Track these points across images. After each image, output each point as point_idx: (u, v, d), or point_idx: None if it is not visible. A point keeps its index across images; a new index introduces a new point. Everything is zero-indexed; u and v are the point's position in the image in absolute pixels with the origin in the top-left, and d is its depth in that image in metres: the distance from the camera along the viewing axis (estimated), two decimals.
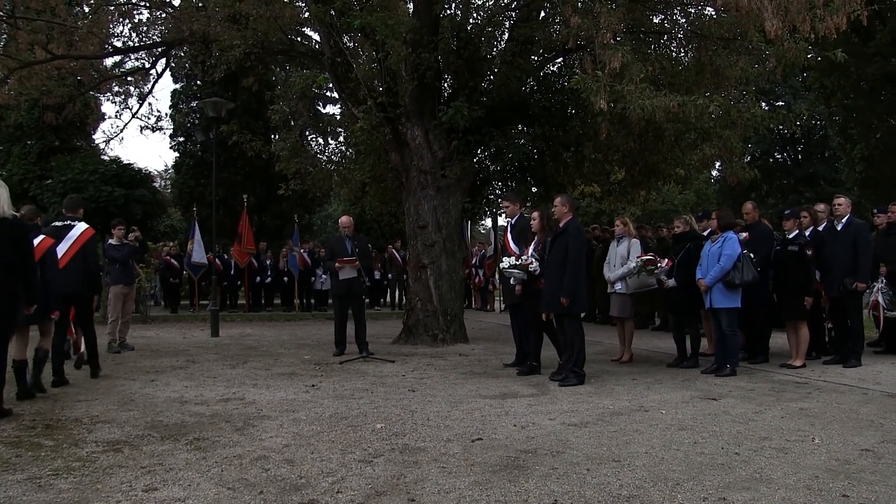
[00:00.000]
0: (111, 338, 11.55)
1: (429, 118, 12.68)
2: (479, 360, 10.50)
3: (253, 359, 10.55)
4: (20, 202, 20.65)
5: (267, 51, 15.71)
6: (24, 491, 4.42)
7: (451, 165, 12.58)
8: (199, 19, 14.70)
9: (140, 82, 20.39)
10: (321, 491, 4.38)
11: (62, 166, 21.43)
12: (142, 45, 17.84)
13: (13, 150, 24.09)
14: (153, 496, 4.31)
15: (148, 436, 5.74)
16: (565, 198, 8.85)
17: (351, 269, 10.56)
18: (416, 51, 12.07)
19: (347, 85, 13.36)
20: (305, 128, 18.55)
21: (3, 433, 5.91)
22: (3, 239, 6.40)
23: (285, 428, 5.99)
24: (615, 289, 10.20)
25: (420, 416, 6.43)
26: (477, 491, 4.36)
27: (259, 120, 22.78)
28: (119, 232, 11.81)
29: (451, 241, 12.81)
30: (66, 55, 16.27)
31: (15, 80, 16.09)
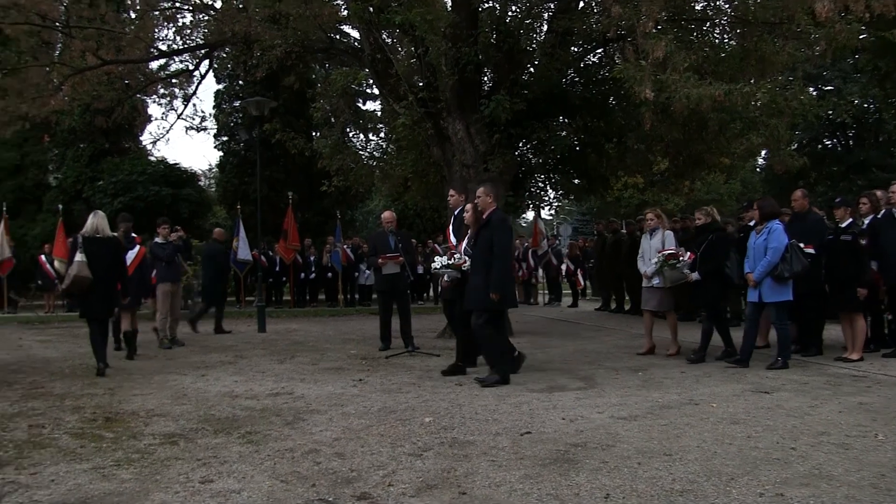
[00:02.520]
0: (162, 334, 11.76)
1: (470, 112, 12.66)
2: (526, 353, 10.44)
3: (300, 354, 10.66)
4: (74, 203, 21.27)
5: (307, 49, 15.81)
6: (90, 480, 4.57)
7: (493, 159, 12.55)
8: (241, 20, 14.85)
9: (184, 84, 20.68)
10: (373, 484, 4.40)
11: (112, 168, 21.87)
12: (185, 48, 18.11)
13: (67, 154, 24.60)
14: (209, 488, 4.38)
15: (202, 429, 5.85)
16: (489, 187, 8.43)
17: (394, 264, 10.60)
18: (456, 45, 12.06)
19: (388, 81, 13.39)
20: (346, 124, 18.63)
21: (67, 424, 6.11)
22: (108, 252, 9.36)
23: (335, 422, 6.05)
24: (653, 283, 9.99)
25: (468, 410, 6.44)
26: (528, 484, 4.35)
27: (300, 118, 22.95)
28: (164, 231, 12.01)
29: None
30: (114, 60, 16.56)
31: (69, 86, 16.44)
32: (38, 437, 5.71)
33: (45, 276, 19.96)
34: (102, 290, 9.19)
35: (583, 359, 9.79)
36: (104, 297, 9.27)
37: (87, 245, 9.17)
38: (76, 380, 8.55)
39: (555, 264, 21.71)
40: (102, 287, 9.15)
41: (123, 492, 4.32)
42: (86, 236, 9.27)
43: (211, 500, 4.16)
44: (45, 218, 23.48)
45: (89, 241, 9.25)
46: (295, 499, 4.16)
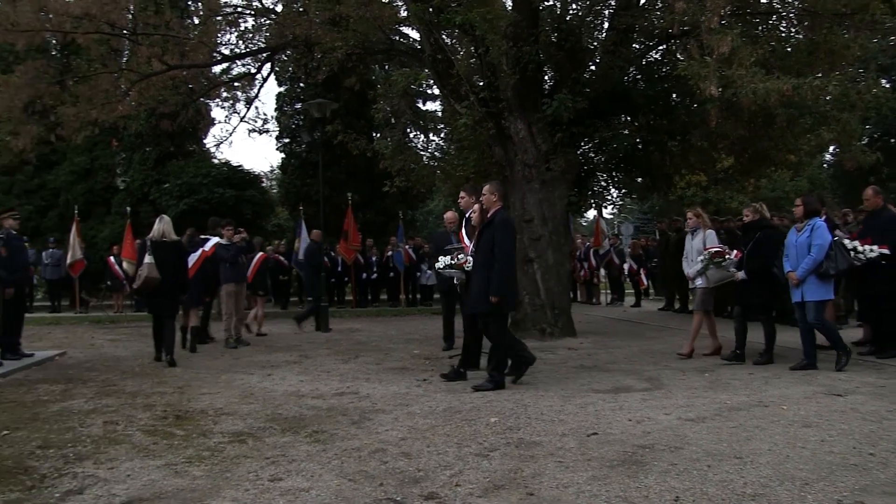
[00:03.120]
0: (227, 334, 11.98)
1: (531, 111, 12.62)
2: (589, 353, 10.40)
3: (364, 354, 10.75)
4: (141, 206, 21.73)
5: (368, 51, 15.95)
6: (164, 476, 4.69)
7: (556, 158, 12.49)
8: (301, 24, 15.05)
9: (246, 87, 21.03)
10: (440, 484, 4.42)
11: (177, 171, 22.33)
12: (247, 52, 18.42)
13: (134, 158, 25.18)
14: (278, 486, 4.44)
15: (269, 428, 5.93)
16: (494, 185, 8.07)
17: None
18: (517, 44, 12.04)
19: (449, 81, 13.41)
20: (407, 125, 18.74)
21: (140, 422, 6.28)
22: (173, 254, 10.31)
23: (400, 421, 6.08)
24: (696, 284, 9.78)
25: (533, 411, 6.42)
26: (596, 486, 4.32)
27: (361, 119, 23.11)
28: (228, 232, 12.20)
29: (557, 234, 12.72)
30: (179, 65, 16.95)
31: (135, 91, 16.88)
32: (112, 433, 5.87)
33: (113, 277, 20.48)
34: (168, 290, 10.16)
35: (647, 359, 9.67)
36: (170, 296, 10.27)
37: (154, 248, 10.06)
38: (146, 378, 8.76)
39: (617, 264, 21.51)
40: (168, 287, 10.12)
41: (196, 488, 4.42)
42: (153, 240, 10.13)
43: (280, 497, 4.22)
44: (113, 220, 24.06)
45: (156, 245, 10.13)
46: (363, 498, 4.20)
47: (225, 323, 12.09)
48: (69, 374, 9.26)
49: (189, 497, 4.25)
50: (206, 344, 12.32)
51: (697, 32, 9.87)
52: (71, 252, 19.98)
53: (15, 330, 10.52)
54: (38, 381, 8.64)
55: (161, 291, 10.14)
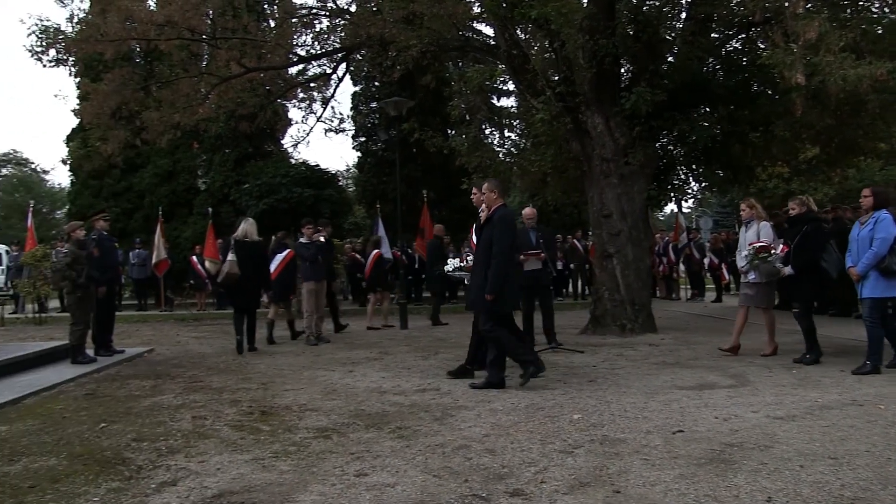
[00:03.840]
0: (308, 331, 12.15)
1: (609, 105, 12.47)
2: (671, 350, 10.23)
3: (443, 350, 10.78)
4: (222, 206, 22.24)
5: (442, 48, 15.98)
6: (252, 470, 4.79)
7: (634, 152, 12.32)
8: (376, 23, 15.18)
9: (322, 87, 21.36)
10: (525, 481, 4.40)
11: (256, 171, 22.78)
12: (323, 53, 18.67)
13: (214, 159, 25.79)
14: (364, 481, 4.48)
15: (353, 424, 6.00)
16: (493, 182, 7.92)
17: (536, 260, 10.54)
18: (593, 37, 11.90)
19: (525, 77, 13.35)
20: (482, 122, 18.72)
21: (227, 417, 6.43)
22: (256, 254, 11.36)
23: (483, 418, 6.08)
24: (748, 278, 9.38)
25: (616, 407, 6.34)
26: (684, 484, 4.24)
27: (436, 116, 23.21)
28: (308, 231, 12.38)
29: (636, 229, 12.54)
30: (256, 67, 17.29)
31: (215, 94, 17.30)
32: (201, 427, 6.02)
33: (196, 276, 21.03)
34: (249, 286, 11.25)
35: (731, 355, 9.43)
36: (251, 291, 11.42)
37: (237, 247, 11.06)
38: (231, 374, 8.96)
39: (697, 258, 21.13)
40: (249, 283, 11.20)
41: (283, 482, 4.49)
42: (237, 240, 11.02)
43: (366, 493, 4.26)
44: (195, 221, 24.69)
45: (239, 244, 11.13)
46: (448, 494, 4.20)
47: (306, 321, 12.28)
48: (158, 370, 9.54)
49: (277, 491, 4.32)
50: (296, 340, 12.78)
51: (781, 19, 9.61)
52: (156, 252, 20.59)
53: (107, 327, 10.91)
54: (130, 377, 8.94)
55: (243, 287, 11.14)
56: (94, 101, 16.98)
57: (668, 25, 13.21)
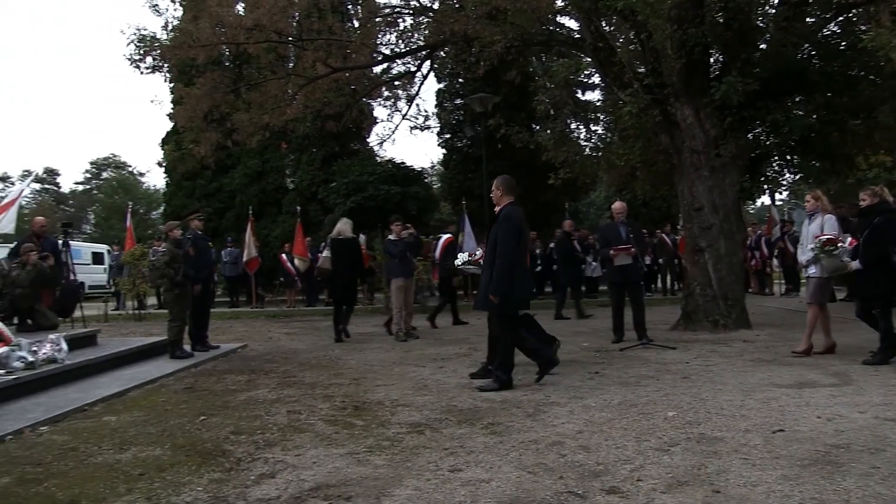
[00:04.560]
0: (397, 328, 12.27)
1: (699, 96, 12.20)
2: (766, 346, 9.95)
3: None
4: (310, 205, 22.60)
5: (526, 43, 15.89)
6: (348, 464, 4.86)
7: (725, 143, 12.02)
8: (459, 20, 15.18)
9: (407, 85, 21.50)
10: (621, 478, 4.34)
11: (343, 170, 23.05)
12: (407, 51, 18.80)
13: (302, 159, 26.28)
14: (458, 476, 4.50)
15: (445, 419, 6.03)
16: (500, 180, 7.68)
17: (626, 255, 10.40)
18: (681, 27, 11.63)
19: (611, 69, 13.16)
20: (568, 116, 18.54)
21: (321, 412, 6.55)
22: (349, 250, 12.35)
23: (576, 414, 6.03)
24: (809, 273, 8.96)
25: (712, 405, 6.20)
26: (787, 486, 4.11)
27: (521, 112, 23.07)
28: (397, 228, 12.49)
29: (728, 222, 12.24)
30: (342, 67, 17.54)
31: (302, 95, 17.62)
32: (296, 422, 6.14)
33: (286, 274, 21.47)
34: (344, 280, 12.49)
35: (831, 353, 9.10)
36: (347, 285, 12.65)
37: (332, 244, 11.98)
38: (322, 370, 9.11)
39: (792, 252, 20.46)
40: (344, 277, 12.43)
41: (378, 477, 4.54)
42: (333, 238, 11.98)
43: (461, 488, 4.27)
44: (284, 219, 25.20)
45: (335, 242, 12.16)
46: (543, 490, 4.18)
47: (395, 317, 12.39)
48: (252, 365, 9.78)
49: (373, 485, 4.37)
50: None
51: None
52: (247, 250, 21.10)
53: (202, 324, 11.23)
54: (225, 372, 9.19)
55: (339, 281, 12.50)
56: (187, 105, 17.50)
57: (760, 11, 12.79)
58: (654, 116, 12.50)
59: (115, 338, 12.06)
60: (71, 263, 13.33)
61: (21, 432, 5.98)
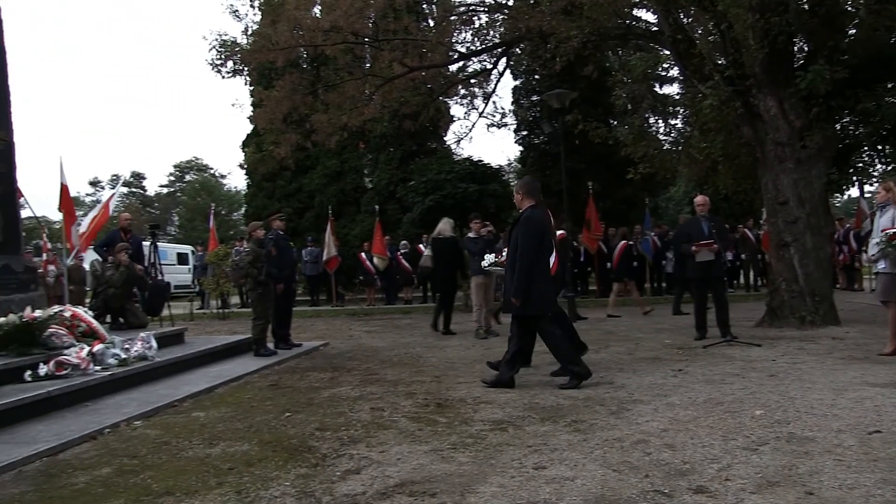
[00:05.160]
0: (477, 325, 12.29)
1: (783, 86, 11.88)
2: (857, 343, 9.63)
3: (614, 343, 10.64)
4: (388, 203, 22.84)
5: (603, 37, 15.74)
6: (431, 461, 4.89)
7: (811, 134, 11.67)
8: (534, 16, 15.12)
9: (483, 83, 21.52)
10: (708, 477, 4.26)
11: (421, 168, 23.25)
12: (483, 48, 18.81)
13: (379, 158, 26.58)
14: (543, 474, 4.47)
15: (528, 417, 6.01)
16: (521, 183, 7.82)
17: (708, 251, 10.18)
18: (764, 16, 11.32)
19: (691, 62, 12.93)
20: (647, 111, 18.28)
21: (403, 409, 6.60)
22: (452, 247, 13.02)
23: (660, 412, 5.94)
24: (878, 268, 8.51)
25: (801, 404, 6.02)
26: (888, 490, 3.93)
27: (599, 107, 22.86)
28: (476, 225, 12.49)
29: (815, 215, 11.88)
30: (418, 66, 17.65)
31: (379, 95, 17.80)
32: (380, 419, 6.20)
33: (365, 272, 21.71)
34: (445, 276, 13.28)
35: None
36: (446, 279, 13.35)
37: (433, 243, 12.75)
38: (404, 368, 9.19)
39: None
40: (444, 273, 13.25)
41: (463, 473, 4.55)
42: (434, 237, 12.62)
43: (546, 486, 4.25)
44: (363, 218, 25.49)
45: (435, 241, 13.00)
46: (629, 489, 4.13)
47: (475, 314, 12.42)
48: (334, 362, 9.93)
49: (458, 482, 4.39)
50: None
51: None
52: (326, 249, 21.39)
53: (285, 322, 11.45)
54: (308, 369, 9.35)
55: (439, 277, 13.42)
56: (267, 108, 17.87)
57: None
58: (736, 109, 12.22)
59: (200, 336, 12.40)
60: (159, 264, 13.72)
61: (117, 426, 6.22)
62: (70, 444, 5.59)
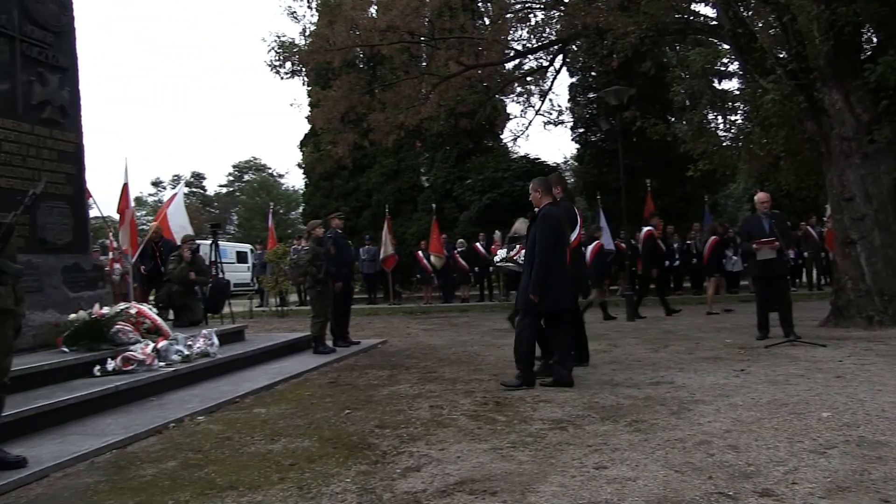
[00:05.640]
0: None
1: (849, 79, 11.58)
2: None
3: (673, 342, 10.49)
4: (445, 202, 22.90)
5: (661, 32, 15.55)
6: (491, 459, 4.87)
7: (880, 128, 11.33)
8: (591, 12, 15.01)
9: (539, 81, 21.44)
10: (774, 480, 4.16)
11: (478, 166, 23.29)
12: (539, 46, 18.73)
13: (436, 157, 26.68)
14: (604, 474, 4.43)
15: (588, 416, 5.95)
16: (537, 182, 7.80)
17: (770, 249, 9.97)
18: (829, 7, 11.06)
19: (752, 56, 12.68)
20: (706, 106, 18.01)
21: (462, 407, 6.59)
22: None
23: (722, 413, 5.83)
24: None
25: (872, 407, 5.84)
26: None
27: (656, 103, 22.59)
28: None
29: (883, 212, 11.53)
30: (474, 65, 17.67)
31: (436, 94, 17.85)
32: (438, 416, 6.21)
33: (422, 271, 21.77)
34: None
35: None
36: None
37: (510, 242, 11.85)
38: (462, 366, 9.18)
39: None
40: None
41: (523, 472, 4.53)
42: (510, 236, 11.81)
43: (607, 486, 4.20)
44: (420, 217, 25.60)
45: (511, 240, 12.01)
46: (692, 490, 4.05)
47: None
48: (392, 360, 9.97)
49: (518, 481, 4.36)
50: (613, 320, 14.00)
51: None
52: (383, 248, 21.52)
53: (344, 320, 11.54)
54: (367, 367, 9.41)
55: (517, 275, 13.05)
56: (324, 108, 18.06)
57: None
58: (799, 103, 11.95)
59: (260, 333, 12.57)
60: (219, 262, 13.94)
61: (181, 420, 6.35)
62: (137, 438, 5.75)
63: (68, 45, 9.26)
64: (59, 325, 7.96)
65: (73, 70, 9.33)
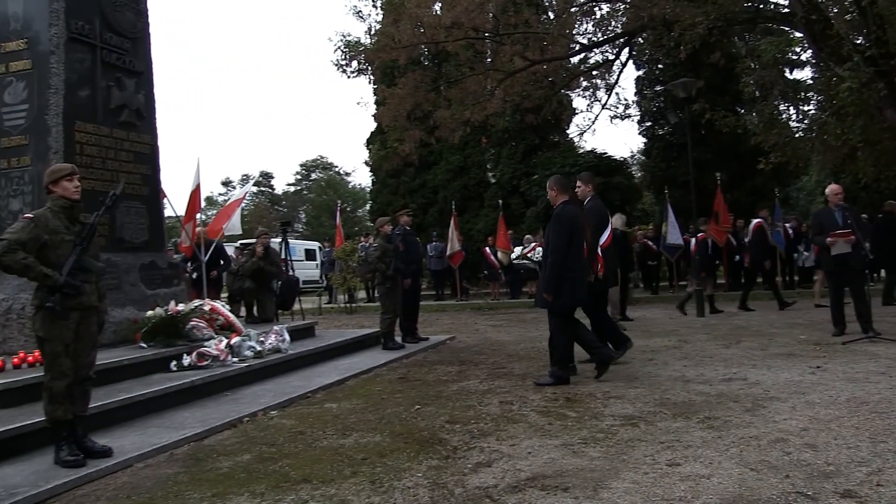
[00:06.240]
0: None
1: None
2: None
3: (745, 339, 10.29)
4: (511, 198, 22.86)
5: (730, 22, 15.27)
6: (562, 455, 4.86)
7: None
8: (657, 3, 14.81)
9: (605, 74, 21.23)
10: (856, 481, 4.04)
11: (545, 162, 23.16)
12: (605, 39, 18.55)
13: (502, 153, 26.59)
14: (677, 471, 4.38)
15: (659, 412, 5.89)
16: (554, 180, 7.84)
17: (844, 243, 9.68)
18: None
19: (826, 43, 12.37)
20: (777, 97, 17.60)
21: (532, 403, 6.59)
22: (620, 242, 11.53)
23: (798, 410, 5.71)
24: None
25: None
26: None
27: (726, 95, 22.14)
28: None
29: None
30: (540, 60, 17.59)
31: (501, 89, 17.83)
32: (509, 412, 6.21)
33: (489, 267, 21.73)
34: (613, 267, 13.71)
35: None
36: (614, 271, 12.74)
37: None
38: (531, 362, 9.15)
39: None
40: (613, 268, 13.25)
41: (595, 469, 4.51)
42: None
43: (681, 483, 4.15)
44: (486, 213, 25.57)
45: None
46: (769, 489, 3.98)
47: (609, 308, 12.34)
48: (461, 356, 10.00)
49: (590, 477, 4.34)
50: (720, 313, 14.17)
51: None
52: (450, 244, 21.54)
53: (412, 316, 11.62)
54: (436, 363, 9.46)
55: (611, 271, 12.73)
56: (390, 105, 18.18)
57: None
58: (878, 91, 11.60)
59: (329, 329, 12.73)
60: (290, 259, 14.14)
61: (255, 415, 6.49)
62: (213, 431, 5.92)
63: (143, 50, 9.54)
64: (138, 322, 8.19)
65: (148, 74, 9.61)
